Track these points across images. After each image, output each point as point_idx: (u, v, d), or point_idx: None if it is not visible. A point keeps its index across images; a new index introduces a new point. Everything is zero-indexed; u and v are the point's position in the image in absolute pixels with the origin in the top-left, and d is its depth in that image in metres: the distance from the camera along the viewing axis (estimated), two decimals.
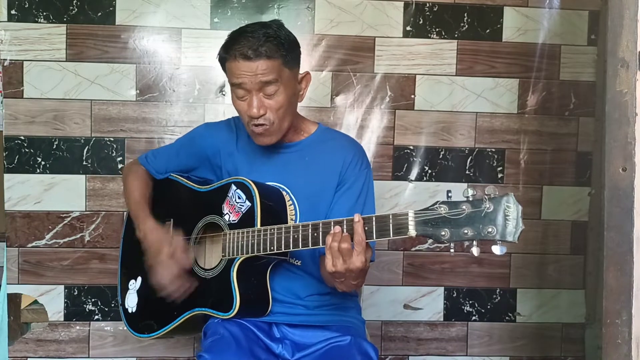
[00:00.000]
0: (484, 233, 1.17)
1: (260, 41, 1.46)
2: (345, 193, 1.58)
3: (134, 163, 1.84)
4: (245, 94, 1.50)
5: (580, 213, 2.49)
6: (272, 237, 1.44)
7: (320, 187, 1.58)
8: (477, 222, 1.18)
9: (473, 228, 1.18)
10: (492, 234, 1.16)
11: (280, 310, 1.59)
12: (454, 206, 1.21)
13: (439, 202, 1.23)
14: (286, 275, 1.59)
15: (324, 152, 1.61)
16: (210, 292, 1.56)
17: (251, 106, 1.49)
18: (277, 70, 1.48)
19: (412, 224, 1.24)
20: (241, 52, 1.46)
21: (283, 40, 1.49)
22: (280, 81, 1.49)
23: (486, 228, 1.17)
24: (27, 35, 2.30)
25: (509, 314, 2.50)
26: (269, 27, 1.50)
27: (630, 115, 1.22)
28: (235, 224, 1.53)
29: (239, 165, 1.65)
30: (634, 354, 1.23)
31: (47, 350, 2.38)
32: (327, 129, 1.70)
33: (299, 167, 1.60)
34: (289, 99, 1.52)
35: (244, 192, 1.52)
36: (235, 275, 1.49)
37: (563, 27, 2.43)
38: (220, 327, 1.53)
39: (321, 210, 1.58)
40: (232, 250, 1.50)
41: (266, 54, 1.45)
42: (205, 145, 1.71)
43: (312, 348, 1.55)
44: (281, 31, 1.51)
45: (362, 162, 1.62)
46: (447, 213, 1.21)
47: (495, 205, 1.17)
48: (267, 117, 1.50)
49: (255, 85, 1.47)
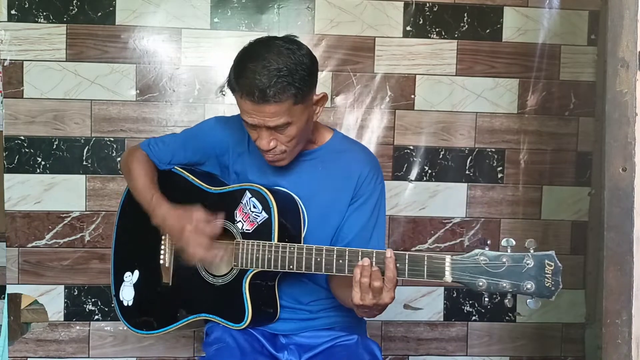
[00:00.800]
0: (522, 289, 1.18)
1: (271, 81, 1.32)
2: (359, 208, 1.53)
3: (135, 148, 1.71)
4: (255, 128, 1.42)
5: (580, 213, 2.49)
6: (292, 256, 1.40)
7: (332, 198, 1.54)
8: (516, 276, 1.19)
9: (511, 282, 1.19)
10: (530, 290, 1.18)
11: (285, 316, 1.57)
12: (494, 258, 1.21)
13: (479, 252, 1.22)
14: (289, 281, 1.56)
15: (339, 162, 1.55)
16: (220, 300, 1.53)
17: (261, 139, 1.42)
18: (287, 112, 1.37)
19: (448, 269, 1.24)
20: (248, 92, 1.34)
21: (295, 76, 1.35)
22: (290, 121, 1.39)
23: (525, 284, 1.18)
24: (27, 35, 2.30)
25: (509, 314, 2.50)
26: (280, 54, 1.35)
27: (630, 115, 1.22)
28: (249, 234, 1.48)
29: (249, 168, 1.58)
30: (634, 354, 1.23)
31: (47, 350, 2.38)
32: (343, 138, 1.63)
33: (312, 177, 1.55)
34: (301, 129, 1.43)
35: (260, 202, 1.47)
36: (247, 287, 1.47)
37: (563, 27, 2.43)
38: (225, 334, 1.52)
39: (331, 222, 1.54)
40: (245, 261, 1.46)
41: (275, 97, 1.33)
42: (214, 142, 1.62)
43: (319, 348, 1.55)
44: (294, 59, 1.36)
45: (378, 176, 1.57)
46: (487, 264, 1.21)
47: (535, 262, 1.19)
48: (278, 149, 1.44)
49: (264, 127, 1.39)
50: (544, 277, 1.18)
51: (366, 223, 1.53)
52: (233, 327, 1.51)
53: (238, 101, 1.40)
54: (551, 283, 1.18)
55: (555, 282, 1.18)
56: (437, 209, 2.44)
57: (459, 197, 2.44)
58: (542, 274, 1.18)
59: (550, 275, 1.18)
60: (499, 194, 2.45)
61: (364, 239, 1.51)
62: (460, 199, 2.44)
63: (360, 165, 1.55)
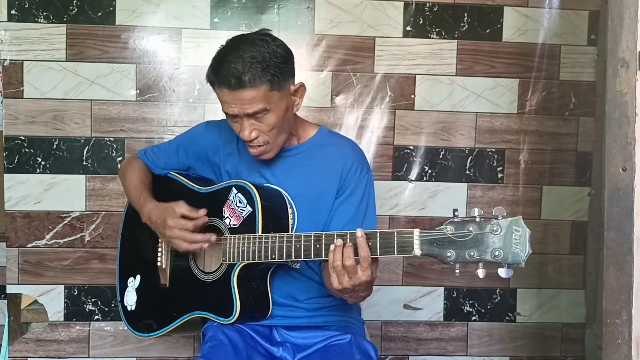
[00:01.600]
0: (491, 256, 1.16)
1: (245, 67, 1.39)
2: (345, 200, 1.55)
3: (133, 158, 1.81)
4: (236, 118, 1.47)
5: (580, 213, 2.49)
6: (274, 245, 1.42)
7: (319, 191, 1.56)
8: (484, 245, 1.17)
9: (479, 250, 1.17)
10: (499, 258, 1.15)
11: (281, 314, 1.58)
12: (461, 227, 1.19)
13: (445, 223, 1.20)
14: (285, 279, 1.58)
15: (324, 156, 1.59)
16: (210, 296, 1.55)
17: (243, 130, 1.46)
18: (264, 98, 1.42)
19: (417, 243, 1.23)
20: (225, 80, 1.41)
21: (269, 63, 1.41)
22: (269, 107, 1.44)
23: (493, 251, 1.16)
24: (27, 35, 2.30)
25: (509, 314, 2.50)
26: (254, 44, 1.42)
27: (630, 115, 1.22)
28: (235, 229, 1.51)
29: (239, 166, 1.63)
30: (634, 354, 1.23)
31: (47, 350, 2.38)
32: (329, 132, 1.66)
33: (299, 171, 1.58)
34: (281, 117, 1.47)
35: (245, 197, 1.51)
36: (235, 281, 1.49)
37: (563, 27, 2.43)
38: (219, 331, 1.53)
39: (320, 215, 1.56)
40: (232, 255, 1.49)
41: (250, 83, 1.39)
42: (205, 144, 1.68)
43: (313, 348, 1.56)
44: (268, 48, 1.43)
45: (363, 167, 1.59)
46: (453, 234, 1.19)
47: (503, 228, 1.16)
48: (261, 139, 1.48)
49: (243, 115, 1.44)
50: (512, 242, 1.14)
51: (354, 215, 1.54)
52: (223, 321, 1.52)
53: (218, 94, 1.46)
54: (519, 248, 1.14)
55: (524, 247, 1.14)
56: (437, 209, 2.44)
57: (459, 197, 2.44)
58: (511, 239, 1.15)
59: (518, 240, 1.14)
60: (499, 194, 2.45)
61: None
62: (460, 199, 2.44)
63: (344, 158, 1.57)
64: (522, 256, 1.14)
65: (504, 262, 1.16)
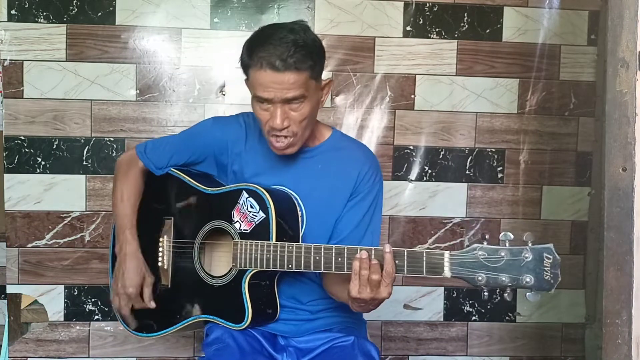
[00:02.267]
0: (521, 282, 1.18)
1: (290, 50, 1.36)
2: (356, 205, 1.54)
3: (131, 160, 1.71)
4: (268, 104, 1.42)
5: (580, 213, 2.49)
6: (291, 255, 1.40)
7: (331, 195, 1.54)
8: (515, 270, 1.19)
9: (510, 276, 1.19)
10: (529, 284, 1.18)
11: (285, 317, 1.58)
12: (493, 252, 1.21)
13: (478, 247, 1.22)
14: (289, 281, 1.57)
15: (339, 160, 1.56)
16: (219, 300, 1.53)
17: (275, 117, 1.41)
18: (305, 84, 1.39)
19: (447, 265, 1.24)
20: (269, 62, 1.36)
21: (312, 49, 1.40)
22: (307, 94, 1.41)
23: (524, 278, 1.18)
24: (27, 35, 2.30)
25: (509, 314, 2.50)
26: (296, 32, 1.40)
27: (630, 115, 1.22)
28: (247, 234, 1.48)
29: (246, 167, 1.59)
30: (634, 354, 1.23)
31: (47, 350, 2.38)
32: (342, 136, 1.65)
33: (311, 174, 1.55)
34: (313, 109, 1.46)
35: (258, 202, 1.47)
36: (247, 287, 1.47)
37: (563, 27, 2.43)
38: (226, 334, 1.52)
39: (329, 220, 1.55)
40: (244, 261, 1.46)
41: (295, 65, 1.36)
42: (212, 141, 1.62)
43: (316, 351, 1.55)
44: (308, 37, 1.41)
45: (377, 175, 1.58)
46: (485, 259, 1.21)
47: (534, 255, 1.18)
48: (291, 129, 1.44)
49: (280, 100, 1.40)
50: (543, 270, 1.18)
51: (360, 221, 1.54)
52: (233, 327, 1.51)
53: (254, 77, 1.40)
54: (550, 276, 1.18)
55: (554, 275, 1.18)
56: (437, 209, 2.44)
57: (459, 197, 2.44)
58: (541, 267, 1.18)
59: (549, 268, 1.18)
60: (499, 194, 2.45)
61: (357, 236, 1.52)
62: (460, 199, 2.44)
63: (359, 163, 1.56)
64: (552, 283, 1.18)
65: (534, 289, 1.18)
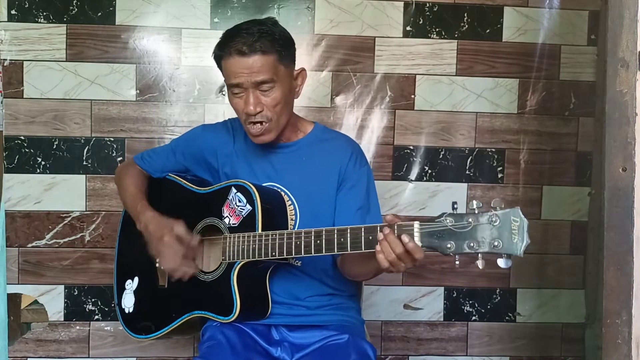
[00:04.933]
0: (490, 247, 1.18)
1: (255, 37, 1.46)
2: (350, 191, 1.58)
3: (128, 163, 1.83)
4: (242, 91, 1.50)
5: (580, 213, 2.49)
6: (274, 242, 1.43)
7: (319, 186, 1.58)
8: (483, 235, 1.18)
9: (479, 241, 1.19)
10: (497, 248, 1.17)
11: (281, 312, 1.58)
12: (460, 218, 1.21)
13: (445, 214, 1.23)
14: (286, 276, 1.58)
15: (322, 151, 1.61)
16: (210, 295, 1.55)
17: (248, 103, 1.49)
18: (273, 68, 1.48)
19: (417, 235, 1.25)
20: (236, 48, 1.46)
21: (277, 36, 1.49)
22: (276, 78, 1.49)
23: (492, 242, 1.17)
24: (27, 35, 2.30)
25: (509, 314, 2.50)
26: (263, 23, 1.51)
27: (630, 115, 1.22)
28: (235, 228, 1.52)
29: (237, 167, 1.64)
30: (634, 354, 1.23)
31: (47, 350, 2.38)
32: (324, 128, 1.70)
33: (297, 167, 1.60)
34: (285, 95, 1.52)
35: (245, 196, 1.52)
36: (235, 279, 1.49)
37: (563, 27, 2.43)
38: (217, 331, 1.53)
39: (322, 210, 1.57)
40: (232, 254, 1.50)
41: (261, 49, 1.45)
42: (202, 147, 1.70)
43: (311, 347, 1.56)
44: (276, 27, 1.52)
45: (361, 159, 1.62)
46: (453, 225, 1.21)
47: (501, 219, 1.17)
48: (264, 114, 1.50)
49: (251, 84, 1.48)
50: (511, 233, 1.16)
51: (360, 207, 1.56)
52: (223, 320, 1.52)
53: (225, 66, 1.50)
54: (518, 238, 1.16)
55: (522, 238, 1.16)
56: (437, 209, 2.40)
57: (459, 197, 2.44)
58: (509, 229, 1.16)
59: (516, 230, 1.16)
60: (499, 194, 2.45)
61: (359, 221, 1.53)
62: (461, 199, 2.44)
63: (341, 150, 1.61)
64: (520, 246, 1.16)
65: (502, 253, 1.17)
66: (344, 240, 1.34)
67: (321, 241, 1.36)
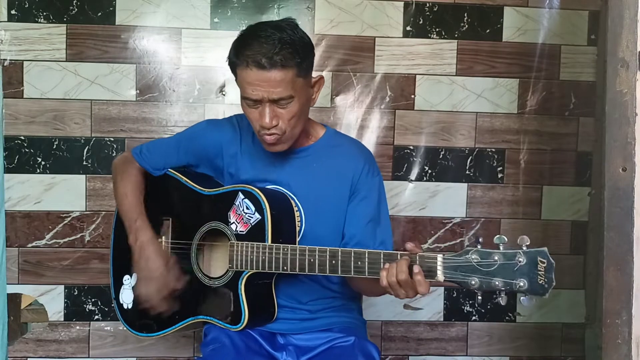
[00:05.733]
0: (514, 287, 1.17)
1: (275, 48, 1.37)
2: (361, 203, 1.55)
3: (127, 160, 1.73)
4: (257, 103, 1.43)
5: (580, 213, 2.49)
6: (286, 257, 1.41)
7: (328, 193, 1.55)
8: (509, 274, 1.18)
9: (504, 280, 1.18)
10: (523, 288, 1.17)
11: (284, 316, 1.58)
12: (486, 256, 1.20)
13: (470, 251, 1.21)
14: (288, 281, 1.56)
15: (333, 158, 1.57)
16: (216, 302, 1.54)
17: (263, 116, 1.42)
18: (291, 83, 1.40)
19: (440, 268, 1.24)
20: (254, 60, 1.37)
21: (298, 47, 1.40)
22: (294, 94, 1.41)
23: (517, 282, 1.17)
24: (27, 35, 2.30)
25: (509, 314, 2.50)
26: (283, 30, 1.41)
27: (630, 115, 1.22)
28: (243, 235, 1.49)
29: (242, 168, 1.60)
30: (634, 354, 1.23)
31: (47, 350, 2.38)
32: (336, 133, 1.66)
33: (307, 173, 1.56)
34: (302, 107, 1.46)
35: (253, 203, 1.48)
36: (243, 289, 1.48)
37: (563, 27, 2.43)
38: (222, 334, 1.52)
39: (329, 217, 1.55)
40: (240, 263, 1.47)
41: (281, 62, 1.37)
42: (206, 144, 1.64)
43: (316, 350, 1.55)
44: (296, 34, 1.42)
45: (374, 169, 1.59)
46: (478, 263, 1.20)
47: (528, 259, 1.17)
48: (280, 127, 1.44)
49: (268, 100, 1.41)
50: (537, 274, 1.16)
51: (370, 219, 1.54)
52: (230, 328, 1.51)
53: (241, 76, 1.42)
54: (544, 280, 1.16)
55: (548, 279, 1.16)
56: (437, 209, 2.44)
57: (459, 197, 2.44)
58: (535, 271, 1.16)
59: (543, 272, 1.16)
60: (499, 194, 2.45)
61: (369, 235, 1.53)
62: (461, 199, 2.44)
63: (355, 159, 1.57)
64: (546, 288, 1.16)
65: (527, 293, 1.17)
66: (362, 264, 1.33)
67: (337, 262, 1.35)
